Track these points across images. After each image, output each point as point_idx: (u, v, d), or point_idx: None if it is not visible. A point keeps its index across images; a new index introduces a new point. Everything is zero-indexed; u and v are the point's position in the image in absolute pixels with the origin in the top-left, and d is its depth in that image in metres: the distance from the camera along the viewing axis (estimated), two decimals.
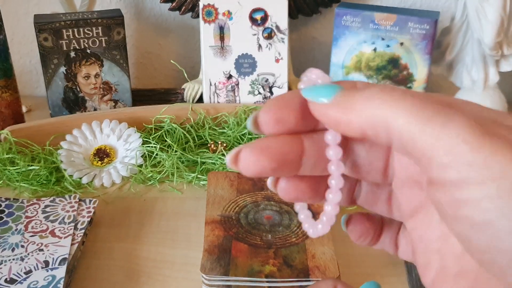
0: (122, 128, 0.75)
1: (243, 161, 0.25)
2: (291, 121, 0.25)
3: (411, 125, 0.21)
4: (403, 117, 0.21)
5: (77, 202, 0.61)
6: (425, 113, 0.21)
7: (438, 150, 0.21)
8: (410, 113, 0.21)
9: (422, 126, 0.21)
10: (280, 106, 0.25)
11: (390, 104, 0.22)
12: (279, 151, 0.25)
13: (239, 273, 0.50)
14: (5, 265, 0.51)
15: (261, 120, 0.25)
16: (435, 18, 0.75)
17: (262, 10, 0.80)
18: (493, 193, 0.20)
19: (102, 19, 0.79)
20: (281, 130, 0.25)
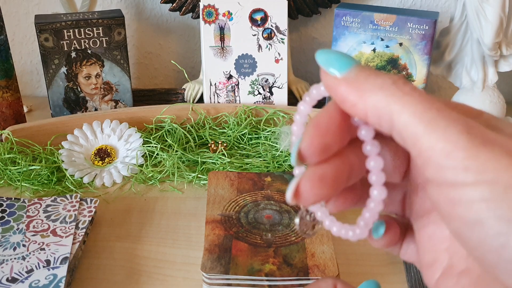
0: (122, 128, 0.75)
1: (304, 194, 0.25)
2: (335, 145, 0.25)
3: (414, 123, 0.22)
4: (408, 114, 0.22)
5: (78, 201, 0.61)
6: (429, 114, 0.22)
7: (437, 152, 0.22)
8: (415, 111, 0.22)
9: (424, 126, 0.22)
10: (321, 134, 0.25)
11: (398, 98, 0.22)
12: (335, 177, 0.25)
13: (239, 272, 0.50)
14: (7, 264, 0.52)
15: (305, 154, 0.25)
16: (434, 18, 0.76)
17: (262, 10, 0.81)
18: (486, 196, 0.21)
19: (102, 20, 0.79)
20: (327, 155, 0.25)
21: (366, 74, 0.24)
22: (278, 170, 0.70)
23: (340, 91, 0.24)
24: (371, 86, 0.23)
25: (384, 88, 0.23)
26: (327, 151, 0.25)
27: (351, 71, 0.24)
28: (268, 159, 0.72)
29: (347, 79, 0.24)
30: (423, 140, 0.22)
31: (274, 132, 0.77)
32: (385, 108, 0.23)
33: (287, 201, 0.25)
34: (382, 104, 0.23)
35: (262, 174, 0.67)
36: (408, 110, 0.22)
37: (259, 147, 0.76)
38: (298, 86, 0.88)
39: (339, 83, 0.24)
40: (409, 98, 0.22)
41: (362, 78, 0.24)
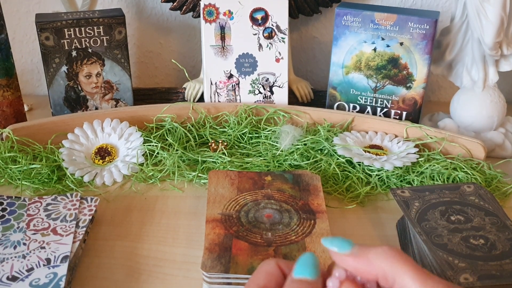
0: (123, 127, 0.75)
1: None
2: None
3: (413, 285, 0.31)
4: (409, 277, 0.32)
5: (79, 200, 0.61)
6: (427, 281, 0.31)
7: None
8: (414, 275, 0.32)
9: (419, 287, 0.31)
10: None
11: (399, 263, 0.32)
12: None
13: (239, 271, 0.50)
14: (7, 262, 0.52)
15: None
16: (435, 18, 0.76)
17: (262, 9, 0.81)
18: None
19: (103, 19, 0.79)
20: None
21: (365, 248, 0.34)
22: (279, 169, 0.70)
23: (351, 263, 0.34)
24: (374, 256, 0.33)
25: (385, 255, 0.33)
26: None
27: (354, 248, 0.34)
28: (269, 158, 0.72)
29: (353, 254, 0.34)
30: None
31: (275, 131, 0.77)
32: (390, 271, 0.32)
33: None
34: (388, 268, 0.33)
35: (263, 173, 0.67)
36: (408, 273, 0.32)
37: (259, 146, 0.76)
38: (299, 85, 0.89)
39: (349, 258, 0.34)
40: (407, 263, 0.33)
41: (364, 251, 0.33)
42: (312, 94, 0.89)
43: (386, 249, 0.33)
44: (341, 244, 0.34)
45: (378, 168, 0.70)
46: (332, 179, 0.70)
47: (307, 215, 0.59)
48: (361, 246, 0.34)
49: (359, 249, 0.34)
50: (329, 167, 0.70)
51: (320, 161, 0.72)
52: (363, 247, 0.34)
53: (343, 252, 0.34)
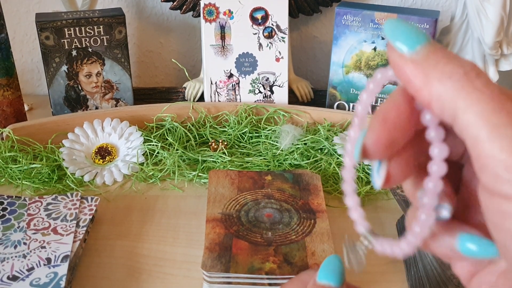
0: (123, 126, 0.75)
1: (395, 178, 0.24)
2: (402, 140, 0.23)
3: (478, 125, 0.20)
4: (473, 113, 0.20)
5: (79, 200, 0.61)
6: (497, 117, 0.20)
7: (497, 162, 0.20)
8: (482, 111, 0.20)
9: (489, 131, 0.20)
10: (389, 130, 0.23)
11: (467, 93, 0.20)
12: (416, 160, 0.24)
13: (239, 270, 0.50)
14: (8, 262, 0.52)
15: (370, 150, 0.23)
16: (435, 17, 0.76)
17: (262, 9, 0.81)
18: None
19: (103, 18, 0.79)
20: (392, 151, 0.24)
21: (437, 57, 0.21)
22: (279, 168, 0.70)
23: (406, 71, 0.22)
24: (440, 74, 0.21)
25: (453, 78, 0.21)
26: (393, 147, 0.23)
27: (420, 51, 0.22)
28: (269, 158, 0.72)
29: (416, 58, 0.22)
30: (484, 146, 0.20)
31: (275, 131, 0.77)
32: (450, 101, 0.21)
33: (375, 188, 0.24)
34: (448, 96, 0.21)
35: (263, 172, 0.67)
36: (474, 109, 0.20)
37: (259, 145, 0.76)
38: (299, 85, 0.89)
39: (405, 63, 0.22)
40: (479, 94, 0.20)
41: (431, 62, 0.21)
42: (312, 93, 0.89)
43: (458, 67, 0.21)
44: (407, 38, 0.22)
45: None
46: (332, 179, 0.70)
47: (307, 215, 0.59)
48: (433, 49, 0.22)
49: (427, 54, 0.22)
50: (329, 167, 0.70)
51: (320, 160, 0.72)
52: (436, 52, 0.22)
53: (401, 51, 0.22)
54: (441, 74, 0.21)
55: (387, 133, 0.23)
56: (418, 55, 0.22)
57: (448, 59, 0.21)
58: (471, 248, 0.23)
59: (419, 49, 0.22)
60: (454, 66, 0.21)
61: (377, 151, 0.23)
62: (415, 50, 0.22)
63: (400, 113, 0.23)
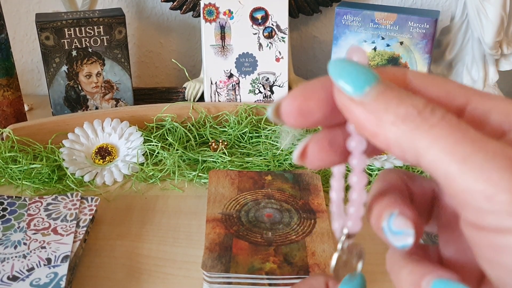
0: (123, 126, 0.75)
1: (311, 156, 0.23)
2: (316, 114, 0.22)
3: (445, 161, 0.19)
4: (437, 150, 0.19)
5: (79, 200, 0.61)
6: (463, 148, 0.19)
7: (476, 195, 0.19)
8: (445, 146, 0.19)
9: (458, 164, 0.19)
10: (306, 96, 0.22)
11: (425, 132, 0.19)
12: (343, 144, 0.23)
13: (239, 270, 0.50)
14: (8, 262, 0.52)
15: (283, 110, 0.22)
16: (435, 17, 0.76)
17: (262, 9, 0.81)
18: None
19: (103, 18, 0.79)
20: (304, 122, 0.22)
21: (387, 99, 0.20)
22: (279, 169, 0.70)
23: (357, 116, 0.21)
24: (393, 117, 0.20)
25: (408, 120, 0.20)
26: (305, 118, 0.22)
27: (369, 93, 0.20)
28: (269, 158, 0.72)
29: (364, 102, 0.20)
30: (458, 181, 0.19)
31: (275, 131, 0.77)
32: (409, 144, 0.20)
33: (293, 160, 0.24)
34: (406, 139, 0.20)
35: (263, 172, 0.67)
36: (437, 146, 0.19)
37: (259, 145, 0.76)
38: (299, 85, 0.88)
39: (355, 106, 0.21)
40: (437, 131, 0.19)
41: (382, 104, 0.20)
42: None
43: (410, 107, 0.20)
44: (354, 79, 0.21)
45: (378, 167, 0.70)
46: None
47: (308, 215, 0.59)
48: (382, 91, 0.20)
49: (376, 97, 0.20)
50: None
51: None
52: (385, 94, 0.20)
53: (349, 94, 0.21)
54: (394, 117, 0.20)
55: (303, 100, 0.22)
56: (367, 98, 0.20)
57: (399, 99, 0.20)
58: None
59: (367, 90, 0.20)
60: (406, 107, 0.20)
61: (288, 114, 0.22)
62: (363, 92, 0.20)
63: (323, 88, 0.22)
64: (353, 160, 0.22)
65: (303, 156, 0.23)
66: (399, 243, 0.22)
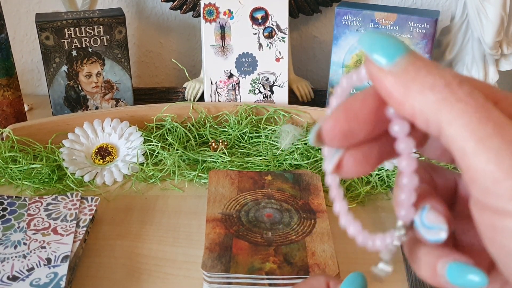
0: (123, 126, 0.75)
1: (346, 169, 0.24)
2: (359, 135, 0.23)
3: (464, 137, 0.19)
4: (459, 125, 0.19)
5: (79, 200, 0.61)
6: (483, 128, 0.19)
7: (486, 175, 0.19)
8: (468, 123, 0.19)
9: (475, 143, 0.19)
10: (348, 119, 0.22)
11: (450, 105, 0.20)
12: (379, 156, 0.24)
13: (239, 270, 0.50)
14: (8, 262, 0.52)
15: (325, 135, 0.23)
16: (435, 17, 0.76)
17: (262, 9, 0.81)
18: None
19: (103, 18, 0.79)
20: (347, 143, 0.23)
21: (417, 68, 0.20)
22: (279, 169, 0.70)
23: (386, 84, 0.21)
24: (421, 86, 0.20)
25: (435, 90, 0.20)
26: (350, 138, 0.23)
27: (399, 63, 0.21)
28: (269, 158, 0.72)
29: (395, 71, 0.21)
30: (472, 159, 0.19)
31: (275, 131, 0.77)
32: (434, 115, 0.20)
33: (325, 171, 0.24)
34: (431, 109, 0.20)
35: (263, 172, 0.67)
36: (459, 121, 0.19)
37: (259, 145, 0.76)
38: (299, 85, 0.88)
39: (384, 76, 0.21)
40: (463, 105, 0.20)
41: (411, 74, 0.20)
42: (312, 93, 0.89)
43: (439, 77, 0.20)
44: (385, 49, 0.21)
45: (378, 167, 0.70)
46: None
47: (308, 215, 0.59)
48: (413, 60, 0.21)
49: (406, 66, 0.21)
50: None
51: (321, 160, 0.72)
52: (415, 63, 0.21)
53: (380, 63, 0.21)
54: (421, 87, 0.20)
55: (346, 123, 0.22)
56: (396, 67, 0.21)
57: (428, 69, 0.21)
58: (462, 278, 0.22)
59: (397, 60, 0.21)
60: (434, 77, 0.20)
61: (332, 138, 0.23)
62: (394, 62, 0.21)
63: (364, 107, 0.22)
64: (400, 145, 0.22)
65: (338, 169, 0.24)
66: (433, 237, 0.23)
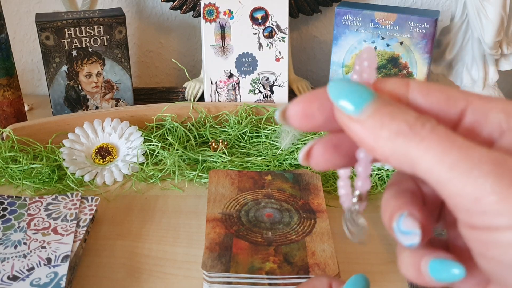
0: (123, 126, 0.75)
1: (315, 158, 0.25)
2: (319, 117, 0.24)
3: (436, 169, 0.21)
4: (428, 159, 0.21)
5: (79, 200, 0.61)
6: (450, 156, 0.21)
7: (465, 198, 0.20)
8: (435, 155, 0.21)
9: (447, 171, 0.21)
10: (311, 101, 0.24)
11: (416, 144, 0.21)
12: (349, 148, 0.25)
13: (239, 270, 0.50)
14: (8, 262, 0.52)
15: (289, 113, 0.24)
16: (435, 17, 0.76)
17: (262, 9, 0.81)
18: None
19: (103, 18, 0.79)
20: (308, 125, 0.25)
21: (381, 115, 0.22)
22: (279, 168, 0.70)
23: (355, 132, 0.23)
24: (387, 133, 0.22)
25: (400, 134, 0.22)
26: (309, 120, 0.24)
27: (366, 110, 0.22)
28: (269, 158, 0.72)
29: (361, 120, 0.22)
30: (448, 186, 0.21)
31: (275, 131, 0.77)
32: (404, 156, 0.22)
33: (299, 161, 0.26)
34: (401, 152, 0.22)
35: (263, 172, 0.67)
36: (427, 156, 0.21)
37: (259, 145, 0.76)
38: (299, 85, 0.89)
39: (353, 123, 0.22)
40: (427, 143, 0.21)
41: (377, 123, 0.22)
42: None
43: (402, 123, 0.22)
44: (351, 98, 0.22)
45: (378, 167, 0.70)
46: (332, 178, 0.70)
47: (308, 214, 0.59)
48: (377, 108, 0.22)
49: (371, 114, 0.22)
50: None
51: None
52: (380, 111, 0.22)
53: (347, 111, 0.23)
54: (388, 133, 0.22)
55: (307, 104, 0.24)
56: (363, 115, 0.22)
57: (392, 116, 0.22)
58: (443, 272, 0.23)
59: (364, 108, 0.22)
60: (398, 123, 0.22)
61: (292, 116, 0.24)
62: (361, 109, 0.22)
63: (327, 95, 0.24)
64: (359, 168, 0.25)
65: (308, 157, 0.25)
66: (407, 242, 0.24)
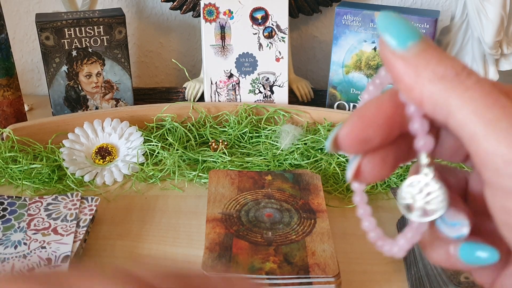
0: (123, 126, 0.75)
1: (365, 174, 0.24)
2: (376, 141, 0.23)
3: (472, 122, 0.20)
4: (467, 111, 0.20)
5: (79, 200, 0.61)
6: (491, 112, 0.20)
7: (497, 157, 0.20)
8: (476, 108, 0.20)
9: (484, 126, 0.20)
10: (364, 125, 0.23)
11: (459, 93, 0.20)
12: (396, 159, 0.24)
13: (240, 270, 0.50)
14: (8, 262, 0.52)
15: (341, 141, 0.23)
16: (435, 17, 0.76)
17: (262, 9, 0.81)
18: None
19: (103, 18, 0.79)
20: (364, 149, 0.23)
21: (429, 56, 0.21)
22: (279, 168, 0.70)
23: (396, 68, 0.22)
24: (431, 74, 0.21)
25: (445, 79, 0.21)
26: (366, 144, 0.23)
27: (411, 48, 0.21)
28: (269, 158, 0.72)
29: (405, 57, 0.21)
30: (482, 142, 0.20)
31: (275, 131, 0.77)
32: (443, 101, 0.21)
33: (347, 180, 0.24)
34: (440, 97, 0.21)
35: (263, 172, 0.67)
36: (468, 107, 0.20)
37: (259, 145, 0.76)
38: (299, 85, 0.89)
39: (396, 59, 0.21)
40: (471, 93, 0.20)
41: (422, 61, 0.21)
42: (312, 93, 0.89)
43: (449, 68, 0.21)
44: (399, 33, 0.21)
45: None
46: (332, 178, 0.70)
47: (308, 214, 0.59)
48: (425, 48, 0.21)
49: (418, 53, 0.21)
50: (329, 166, 0.70)
51: (321, 160, 0.72)
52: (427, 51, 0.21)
53: (393, 47, 0.21)
54: (432, 75, 0.21)
55: (361, 129, 0.23)
56: (408, 53, 0.21)
57: (440, 59, 0.21)
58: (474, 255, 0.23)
59: (410, 46, 0.21)
60: (445, 67, 0.21)
61: (348, 145, 0.23)
62: (406, 46, 0.21)
63: (379, 112, 0.23)
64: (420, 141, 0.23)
65: (357, 176, 0.24)
66: (455, 234, 0.23)
